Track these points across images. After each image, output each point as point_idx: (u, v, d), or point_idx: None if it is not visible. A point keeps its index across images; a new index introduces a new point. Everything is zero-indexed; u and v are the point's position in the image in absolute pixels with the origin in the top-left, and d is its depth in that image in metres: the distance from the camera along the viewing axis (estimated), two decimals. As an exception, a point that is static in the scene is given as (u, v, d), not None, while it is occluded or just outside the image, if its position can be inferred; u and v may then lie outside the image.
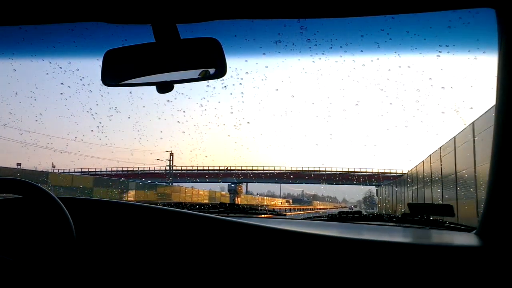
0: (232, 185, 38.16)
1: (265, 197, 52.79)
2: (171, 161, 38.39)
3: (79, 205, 1.17)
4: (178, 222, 1.15)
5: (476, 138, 8.90)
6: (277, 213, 1.84)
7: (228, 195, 37.69)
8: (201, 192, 35.61)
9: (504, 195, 0.98)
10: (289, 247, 1.07)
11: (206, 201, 31.76)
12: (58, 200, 1.00)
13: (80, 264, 1.08)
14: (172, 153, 39.04)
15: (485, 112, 8.37)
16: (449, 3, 1.00)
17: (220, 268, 1.07)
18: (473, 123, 9.13)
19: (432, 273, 0.99)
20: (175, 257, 1.10)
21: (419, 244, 1.11)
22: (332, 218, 1.62)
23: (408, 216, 1.52)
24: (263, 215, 1.75)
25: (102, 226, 1.14)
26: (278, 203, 48.06)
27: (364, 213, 1.68)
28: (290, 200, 57.26)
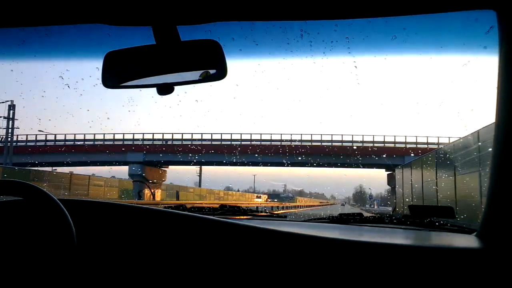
0: (135, 169, 21.04)
1: (232, 192, 39.29)
2: (10, 120, 18.35)
3: (80, 207, 1.17)
4: (178, 224, 1.15)
5: None
6: (278, 215, 1.84)
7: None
8: (97, 181, 19.99)
9: (505, 197, 0.98)
10: (289, 249, 1.07)
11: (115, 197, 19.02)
12: (59, 202, 1.00)
13: (80, 266, 1.08)
14: (13, 105, 19.29)
15: None
16: (450, 5, 1.00)
17: (221, 270, 1.07)
18: None
19: (433, 276, 0.98)
20: (176, 260, 1.10)
21: (420, 246, 1.11)
22: (332, 220, 1.62)
23: (408, 218, 1.52)
24: (263, 217, 1.75)
25: (103, 228, 1.14)
26: (255, 199, 36.51)
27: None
28: (264, 196, 43.98)
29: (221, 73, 1.10)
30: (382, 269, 1.01)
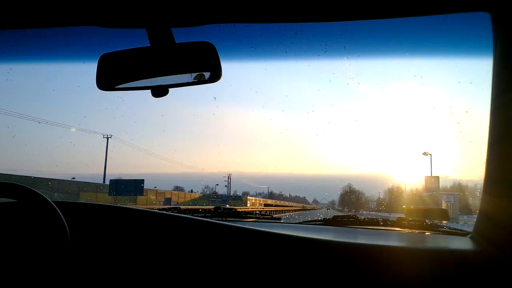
0: None
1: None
2: None
3: (74, 209, 1.16)
4: (173, 226, 1.14)
5: None
6: (272, 217, 1.84)
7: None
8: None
9: (498, 200, 0.98)
10: (284, 251, 1.07)
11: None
12: (53, 204, 0.99)
13: (75, 268, 1.07)
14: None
15: None
16: (445, 7, 1.00)
17: (216, 271, 1.07)
18: None
19: (427, 277, 0.99)
20: (170, 261, 1.09)
21: (414, 248, 1.11)
22: (327, 222, 1.62)
23: (403, 220, 1.52)
24: (258, 219, 1.75)
25: (98, 230, 1.13)
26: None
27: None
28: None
29: (215, 75, 1.09)
30: (377, 271, 1.01)
